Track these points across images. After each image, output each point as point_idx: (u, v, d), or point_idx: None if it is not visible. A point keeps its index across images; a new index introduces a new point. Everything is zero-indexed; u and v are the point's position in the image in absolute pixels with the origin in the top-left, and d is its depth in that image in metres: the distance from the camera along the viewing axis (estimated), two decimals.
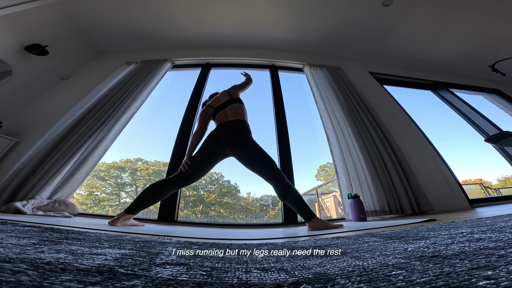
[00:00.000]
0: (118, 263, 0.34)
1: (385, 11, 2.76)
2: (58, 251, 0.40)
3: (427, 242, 0.48)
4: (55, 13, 2.51)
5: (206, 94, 2.88)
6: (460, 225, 0.74)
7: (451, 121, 3.65)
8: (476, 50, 3.41)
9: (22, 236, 0.56)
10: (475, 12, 2.77)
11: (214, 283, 0.27)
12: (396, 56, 3.54)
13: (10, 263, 0.29)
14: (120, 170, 4.50)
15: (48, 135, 2.15)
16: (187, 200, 4.01)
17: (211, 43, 3.25)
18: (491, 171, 4.90)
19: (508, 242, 0.39)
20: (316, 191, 4.14)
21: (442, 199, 2.05)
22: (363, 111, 2.54)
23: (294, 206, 1.17)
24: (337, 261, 0.38)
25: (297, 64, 3.26)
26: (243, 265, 0.38)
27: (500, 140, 2.27)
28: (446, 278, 0.23)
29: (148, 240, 0.68)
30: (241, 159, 1.30)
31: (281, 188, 1.18)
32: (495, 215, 0.98)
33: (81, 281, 0.24)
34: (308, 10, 2.77)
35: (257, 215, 3.99)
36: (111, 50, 3.27)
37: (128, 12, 2.71)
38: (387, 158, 2.10)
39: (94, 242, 0.56)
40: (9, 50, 2.33)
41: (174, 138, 2.33)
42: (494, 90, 3.88)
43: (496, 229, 0.55)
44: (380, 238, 0.63)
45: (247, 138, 1.32)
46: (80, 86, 2.74)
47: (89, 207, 3.99)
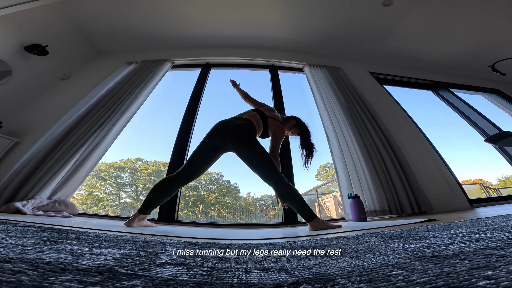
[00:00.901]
0: (118, 263, 0.34)
1: (385, 11, 2.76)
2: (58, 251, 0.40)
3: (427, 242, 0.48)
4: (55, 13, 2.51)
5: (206, 94, 2.88)
6: (460, 225, 0.74)
7: (451, 121, 3.65)
8: (476, 50, 3.41)
9: (22, 236, 0.56)
10: (475, 12, 2.77)
11: (214, 283, 0.27)
12: (396, 56, 3.54)
13: (10, 263, 0.29)
14: (120, 170, 4.50)
15: (48, 135, 2.15)
16: (187, 200, 4.01)
17: (211, 43, 3.25)
18: (491, 171, 4.89)
19: (508, 242, 0.39)
20: (316, 191, 4.13)
21: (442, 199, 2.05)
22: (363, 111, 2.54)
23: (294, 206, 1.17)
24: (337, 261, 0.38)
25: (297, 64, 3.26)
26: (243, 265, 0.38)
27: (500, 140, 2.27)
28: (446, 278, 0.23)
29: (148, 240, 0.68)
30: (242, 156, 1.28)
31: (281, 189, 1.17)
32: (495, 215, 0.98)
33: (81, 281, 0.24)
34: (308, 10, 2.77)
35: (257, 215, 3.99)
36: (111, 50, 3.27)
37: (128, 12, 2.71)
38: (387, 158, 2.10)
39: (94, 242, 0.56)
40: (9, 50, 2.33)
41: (174, 138, 2.33)
42: (494, 90, 3.88)
43: (496, 229, 0.55)
44: (380, 238, 0.63)
45: (251, 137, 1.31)
46: (80, 86, 2.74)
47: (89, 207, 3.99)
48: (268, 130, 1.49)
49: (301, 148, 1.59)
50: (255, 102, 1.82)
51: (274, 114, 1.57)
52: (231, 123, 1.34)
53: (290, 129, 1.62)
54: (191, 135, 2.37)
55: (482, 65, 3.57)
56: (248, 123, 1.35)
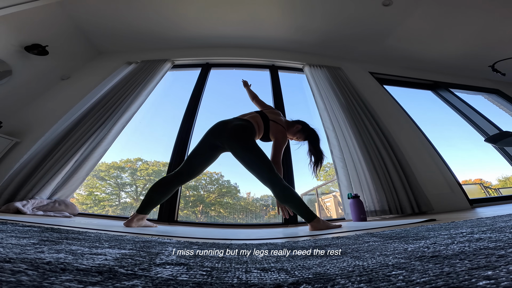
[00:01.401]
0: (118, 263, 0.34)
1: (385, 11, 2.76)
2: (58, 251, 0.40)
3: (427, 242, 0.48)
4: (55, 13, 2.51)
5: (206, 94, 2.88)
6: (460, 225, 0.74)
7: (451, 121, 3.66)
8: (476, 50, 3.41)
9: (22, 236, 0.56)
10: (475, 12, 2.77)
11: (214, 283, 0.27)
12: (396, 56, 3.54)
13: (10, 263, 0.29)
14: (120, 170, 4.50)
15: (48, 135, 2.15)
16: (187, 200, 4.01)
17: (211, 43, 3.25)
18: (491, 171, 4.89)
19: (508, 242, 0.39)
20: (316, 191, 4.14)
21: (442, 199, 2.05)
22: (363, 111, 2.54)
23: (293, 208, 1.15)
24: (337, 261, 0.38)
25: (297, 64, 3.26)
26: (243, 265, 0.38)
27: (500, 140, 2.27)
28: (446, 278, 0.23)
29: (148, 240, 0.68)
30: (238, 157, 1.26)
31: (278, 190, 1.14)
32: (495, 215, 0.98)
33: (81, 281, 0.24)
34: (308, 10, 2.77)
35: (257, 215, 3.99)
36: (111, 50, 3.27)
37: (129, 12, 2.71)
38: (387, 158, 2.10)
39: (94, 242, 0.56)
40: (9, 50, 2.33)
41: (174, 138, 2.33)
42: (494, 90, 3.88)
43: (496, 229, 0.55)
44: (380, 238, 0.63)
45: (248, 138, 1.29)
46: (80, 86, 2.74)
47: (89, 207, 3.99)
48: (269, 133, 1.44)
49: (309, 154, 1.50)
50: (262, 104, 1.80)
51: (278, 118, 1.51)
52: (229, 123, 1.33)
53: (295, 135, 1.54)
54: (191, 135, 2.37)
55: (482, 65, 3.57)
56: (247, 124, 1.33)
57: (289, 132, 1.53)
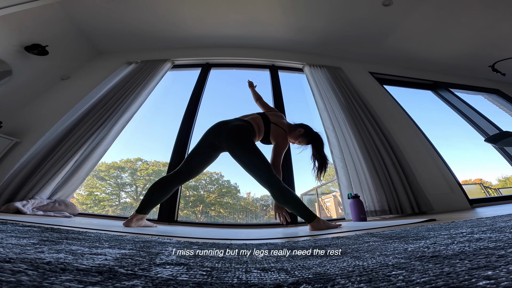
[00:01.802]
0: (118, 263, 0.34)
1: (385, 11, 2.76)
2: (58, 251, 0.40)
3: (427, 242, 0.48)
4: (55, 13, 2.51)
5: (206, 94, 2.88)
6: (460, 225, 0.74)
7: (451, 121, 3.66)
8: (476, 50, 3.41)
9: (22, 236, 0.56)
10: (475, 12, 2.77)
11: (214, 283, 0.27)
12: (396, 56, 3.54)
13: (10, 263, 0.29)
14: (120, 170, 4.50)
15: (48, 135, 2.15)
16: (187, 200, 4.01)
17: (211, 43, 3.26)
18: (491, 171, 4.89)
19: (508, 242, 0.39)
20: (316, 191, 4.13)
21: (442, 199, 2.05)
22: (363, 111, 2.54)
23: (293, 209, 1.14)
24: (337, 261, 0.38)
25: (297, 64, 3.26)
26: (243, 265, 0.38)
27: (500, 140, 2.27)
28: (446, 278, 0.23)
29: (148, 240, 0.68)
30: (236, 157, 1.25)
31: (276, 192, 1.12)
32: (495, 215, 0.98)
33: (81, 281, 0.24)
34: (308, 11, 2.77)
35: (257, 215, 3.99)
36: (111, 50, 3.27)
37: (129, 12, 2.71)
38: (387, 158, 2.10)
39: (94, 242, 0.56)
40: (9, 50, 2.33)
41: (174, 138, 2.33)
42: (494, 90, 3.88)
43: (496, 229, 0.55)
44: (380, 238, 0.63)
45: (247, 139, 1.27)
46: (80, 86, 2.74)
47: (89, 207, 3.99)
48: (270, 136, 1.42)
49: (313, 159, 1.47)
50: (266, 106, 1.79)
51: (280, 120, 1.49)
52: (229, 123, 1.32)
53: (297, 139, 1.51)
54: (191, 135, 2.37)
55: (482, 65, 3.57)
56: (246, 124, 1.33)
57: (291, 136, 1.51)
